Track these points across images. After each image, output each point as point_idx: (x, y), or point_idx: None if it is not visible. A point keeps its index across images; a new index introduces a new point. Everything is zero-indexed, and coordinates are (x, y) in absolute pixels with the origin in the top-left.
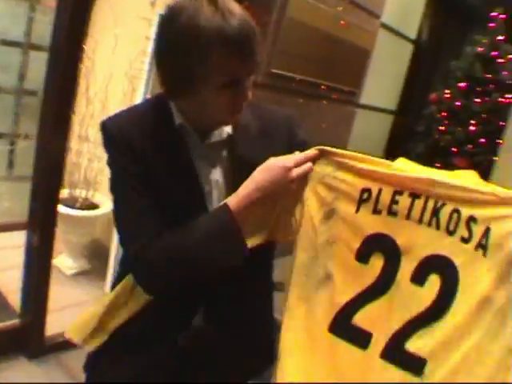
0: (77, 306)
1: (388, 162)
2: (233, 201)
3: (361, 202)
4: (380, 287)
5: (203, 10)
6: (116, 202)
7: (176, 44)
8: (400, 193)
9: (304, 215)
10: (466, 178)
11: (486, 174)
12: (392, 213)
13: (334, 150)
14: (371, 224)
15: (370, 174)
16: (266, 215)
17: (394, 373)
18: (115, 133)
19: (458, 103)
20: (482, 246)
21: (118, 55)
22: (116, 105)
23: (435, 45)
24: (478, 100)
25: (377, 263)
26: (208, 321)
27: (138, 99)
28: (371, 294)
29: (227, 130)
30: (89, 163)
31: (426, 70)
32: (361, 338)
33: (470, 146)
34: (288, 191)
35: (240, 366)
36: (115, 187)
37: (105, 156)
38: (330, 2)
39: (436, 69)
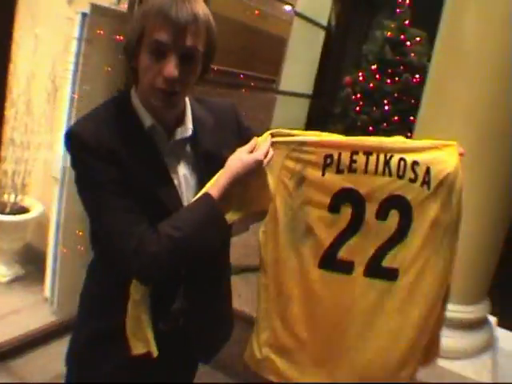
0: (14, 314)
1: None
2: (213, 190)
3: (325, 166)
4: (353, 228)
5: None
6: (96, 207)
7: (134, 21)
8: (356, 153)
9: (278, 186)
10: (401, 139)
11: None
12: (352, 170)
13: (284, 131)
14: (337, 182)
15: (328, 143)
16: (241, 195)
17: (376, 283)
18: (88, 139)
19: (371, 85)
20: (427, 183)
21: (40, 55)
22: (40, 106)
23: (344, 30)
24: (389, 81)
25: (347, 211)
26: (187, 304)
27: (64, 99)
28: (348, 234)
29: (190, 126)
30: (16, 167)
31: (337, 55)
32: (346, 267)
33: (384, 125)
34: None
35: (215, 338)
36: (93, 193)
37: (32, 158)
38: None
39: (346, 53)
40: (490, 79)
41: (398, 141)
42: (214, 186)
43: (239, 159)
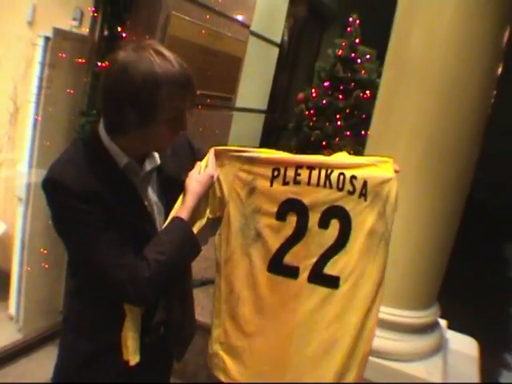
0: None
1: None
2: (183, 212)
3: (273, 178)
4: (298, 235)
5: (156, 60)
6: (85, 245)
7: (137, 90)
8: (300, 167)
9: (232, 195)
10: (343, 156)
11: None
12: (297, 182)
13: (225, 148)
14: (283, 193)
15: (275, 160)
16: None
17: (320, 290)
18: (72, 184)
19: (323, 101)
20: (364, 195)
21: (1, 77)
22: (2, 126)
23: (296, 47)
24: (341, 97)
25: (292, 219)
26: (166, 315)
27: (26, 119)
28: (293, 241)
29: (157, 156)
30: None
31: (289, 71)
32: (292, 272)
33: (337, 139)
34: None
35: (188, 337)
36: (80, 233)
37: None
38: (206, 19)
39: (298, 68)
40: (435, 96)
41: (339, 156)
42: (183, 208)
43: (196, 180)
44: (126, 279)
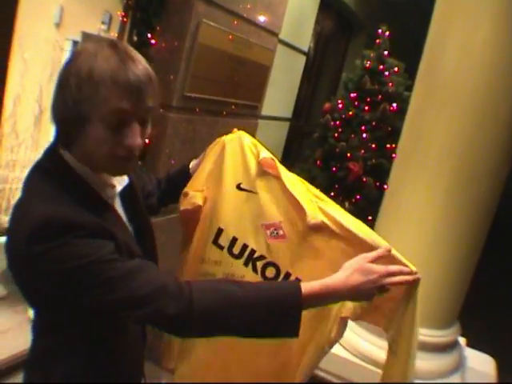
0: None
1: None
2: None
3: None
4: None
5: (102, 52)
6: (103, 280)
7: (67, 81)
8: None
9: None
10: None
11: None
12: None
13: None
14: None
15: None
16: None
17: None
18: (68, 219)
19: (350, 112)
20: None
21: (28, 79)
22: (27, 128)
23: (322, 56)
24: (367, 109)
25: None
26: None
27: (49, 124)
28: None
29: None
30: (1, 186)
31: (315, 79)
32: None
33: (362, 151)
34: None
35: None
36: (93, 272)
37: (17, 178)
38: (235, 27)
39: (322, 77)
40: (466, 115)
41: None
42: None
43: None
44: (177, 310)
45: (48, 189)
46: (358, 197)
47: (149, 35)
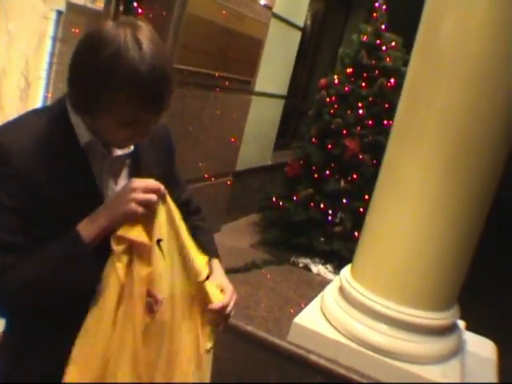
0: None
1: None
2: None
3: None
4: None
5: (129, 49)
6: None
7: (95, 72)
8: None
9: None
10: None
11: (380, 154)
12: None
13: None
14: None
15: None
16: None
17: None
18: (12, 154)
19: (346, 88)
20: None
21: (13, 52)
22: (12, 102)
23: (320, 31)
24: (364, 85)
25: None
26: None
27: (36, 96)
28: None
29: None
30: None
31: (312, 56)
32: None
33: (358, 128)
34: (128, 211)
35: None
36: None
37: None
38: None
39: (320, 54)
40: (466, 85)
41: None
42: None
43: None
44: None
45: (34, 122)
46: (354, 176)
47: (135, 4)
